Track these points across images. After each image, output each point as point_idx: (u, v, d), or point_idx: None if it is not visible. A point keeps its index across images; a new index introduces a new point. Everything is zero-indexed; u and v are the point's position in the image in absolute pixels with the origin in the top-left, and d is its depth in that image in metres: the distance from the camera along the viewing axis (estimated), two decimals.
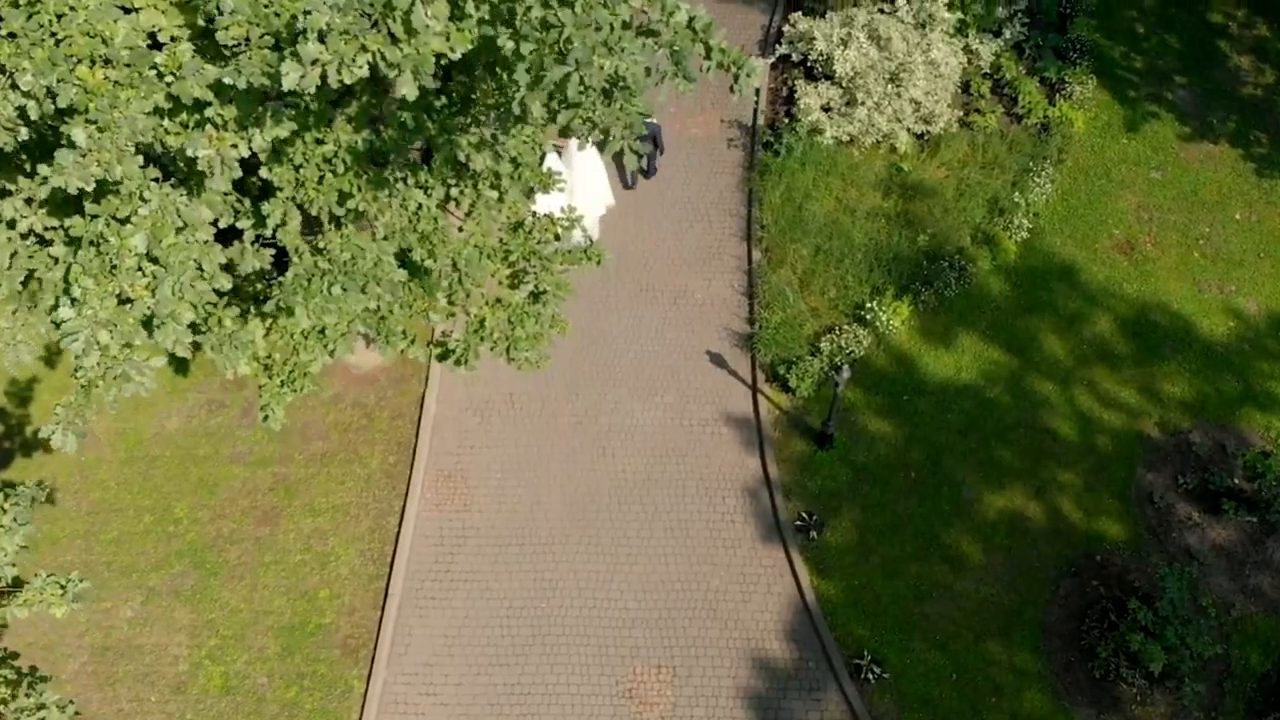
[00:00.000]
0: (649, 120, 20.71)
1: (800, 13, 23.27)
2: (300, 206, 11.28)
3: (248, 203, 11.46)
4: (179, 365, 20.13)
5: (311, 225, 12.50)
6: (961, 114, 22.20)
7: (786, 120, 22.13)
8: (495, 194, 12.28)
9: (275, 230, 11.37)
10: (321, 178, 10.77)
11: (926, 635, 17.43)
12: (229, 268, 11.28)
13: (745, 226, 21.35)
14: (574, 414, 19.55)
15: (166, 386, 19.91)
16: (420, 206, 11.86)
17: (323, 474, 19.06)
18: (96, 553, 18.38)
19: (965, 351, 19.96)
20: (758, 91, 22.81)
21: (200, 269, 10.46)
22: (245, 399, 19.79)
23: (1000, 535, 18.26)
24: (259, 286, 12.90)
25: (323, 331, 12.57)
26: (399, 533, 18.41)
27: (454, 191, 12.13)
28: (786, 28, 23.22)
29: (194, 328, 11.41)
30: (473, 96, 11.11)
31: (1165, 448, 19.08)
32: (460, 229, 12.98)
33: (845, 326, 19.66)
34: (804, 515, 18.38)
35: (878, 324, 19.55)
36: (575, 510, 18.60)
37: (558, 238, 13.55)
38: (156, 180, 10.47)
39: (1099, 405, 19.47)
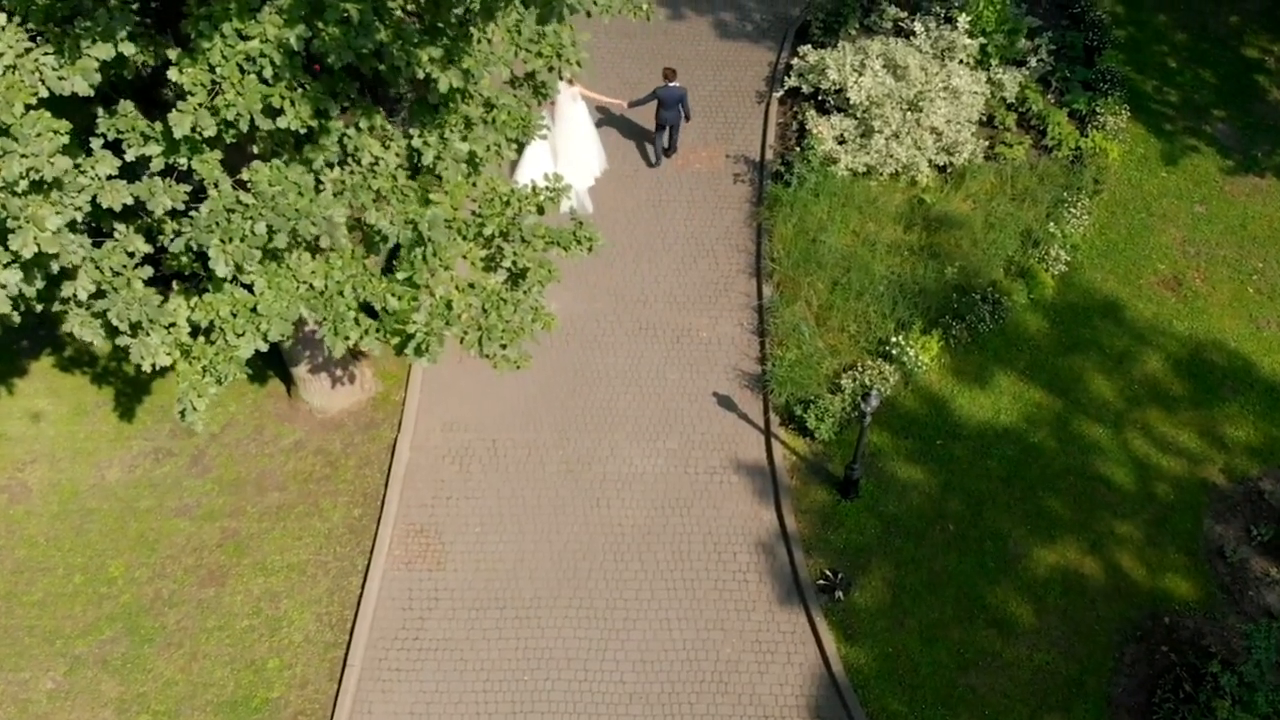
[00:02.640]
0: (674, 85, 19.71)
1: (810, 45, 21.84)
2: (222, 138, 9.24)
3: (158, 126, 9.56)
4: (124, 411, 18.03)
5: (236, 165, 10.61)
6: (987, 144, 20.54)
7: (798, 150, 20.46)
8: (465, 146, 10.39)
9: (189, 157, 9.44)
10: (243, 79, 8.88)
11: (974, 710, 14.92)
12: (137, 213, 9.30)
13: (754, 262, 19.48)
14: (565, 461, 17.35)
15: (110, 434, 17.78)
16: (378, 161, 9.99)
17: (278, 529, 16.77)
18: (18, 616, 15.98)
19: (1003, 392, 17.86)
20: (765, 123, 21.26)
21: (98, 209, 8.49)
22: (196, 447, 17.62)
23: (1054, 595, 15.89)
24: (184, 260, 10.97)
25: (255, 310, 10.57)
26: (361, 594, 16.04)
27: (416, 141, 10.25)
28: (795, 60, 21.77)
29: (98, 296, 9.37)
30: None
31: (1234, 497, 16.83)
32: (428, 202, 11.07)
33: (869, 363, 17.60)
34: (828, 573, 16.05)
35: (905, 359, 17.50)
36: (565, 569, 16.27)
37: (541, 210, 11.64)
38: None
39: (1156, 450, 17.29)
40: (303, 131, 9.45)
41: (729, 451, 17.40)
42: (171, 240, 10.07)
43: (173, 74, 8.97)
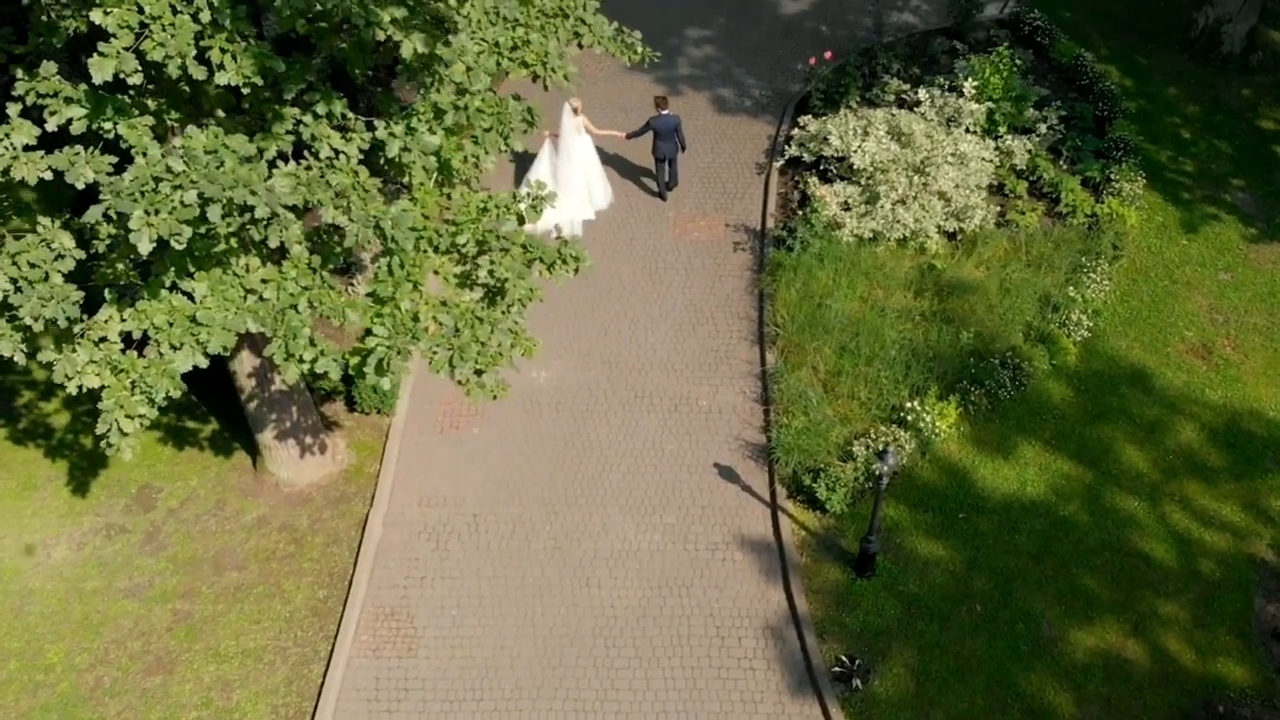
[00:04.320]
0: (666, 113, 19.37)
1: (810, 116, 21.13)
2: (162, 118, 8.16)
3: (83, 88, 8.46)
4: (77, 485, 16.64)
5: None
6: (998, 210, 19.61)
7: (800, 214, 19.52)
8: (435, 139, 9.29)
9: (115, 121, 8.32)
10: (175, 18, 7.79)
11: None
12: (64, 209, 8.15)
13: (756, 329, 18.32)
14: (552, 537, 15.88)
15: (60, 509, 16.35)
16: (338, 155, 8.92)
17: (234, 611, 15.21)
18: None
19: (1029, 463, 16.49)
20: (765, 192, 20.40)
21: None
22: (151, 523, 16.18)
23: (1095, 681, 14.25)
24: (120, 268, 9.79)
25: (194, 319, 9.34)
26: (323, 684, 14.41)
27: (381, 133, 9.16)
28: (796, 130, 21.03)
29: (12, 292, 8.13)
30: None
31: None
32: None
33: (882, 429, 16.28)
34: (843, 660, 14.44)
35: (921, 425, 16.18)
36: (550, 656, 14.66)
37: (522, 220, 10.51)
38: None
39: (1197, 525, 15.84)
40: (244, 88, 8.38)
41: (732, 526, 15.95)
42: (118, 289, 8.81)
43: (96, 15, 7.89)
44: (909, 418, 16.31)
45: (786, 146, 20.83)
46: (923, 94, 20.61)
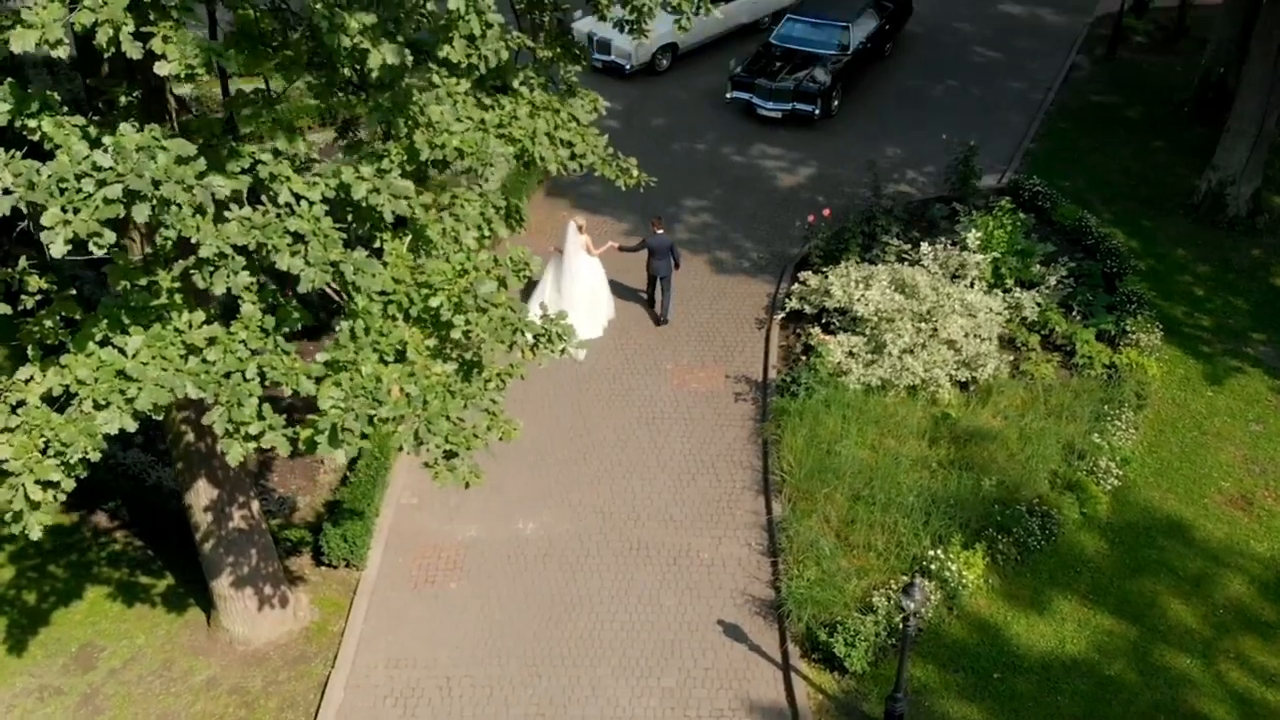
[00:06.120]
0: (661, 233, 19.57)
1: (810, 272, 20.55)
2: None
3: (10, 82, 7.51)
4: (13, 643, 14.98)
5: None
6: (1011, 359, 18.71)
7: (804, 359, 18.59)
8: (407, 184, 8.32)
9: (38, 115, 7.32)
10: None
11: None
12: None
13: (761, 479, 17.05)
14: (535, 702, 14.10)
15: None
16: (299, 200, 8.00)
17: None
18: None
19: (1066, 618, 14.92)
20: (767, 344, 19.55)
21: None
22: (89, 684, 14.44)
23: None
24: (47, 325, 8.71)
25: (123, 374, 8.16)
26: None
27: (347, 175, 8.24)
28: (796, 286, 20.39)
29: None
30: None
31: None
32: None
33: (904, 579, 14.77)
34: None
35: (946, 575, 14.71)
36: None
37: (503, 284, 9.46)
38: None
39: (1259, 683, 14.16)
40: (183, 75, 7.49)
41: (739, 690, 14.20)
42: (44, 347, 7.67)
43: None
44: (932, 567, 14.85)
45: (787, 300, 20.13)
46: (925, 247, 20.09)
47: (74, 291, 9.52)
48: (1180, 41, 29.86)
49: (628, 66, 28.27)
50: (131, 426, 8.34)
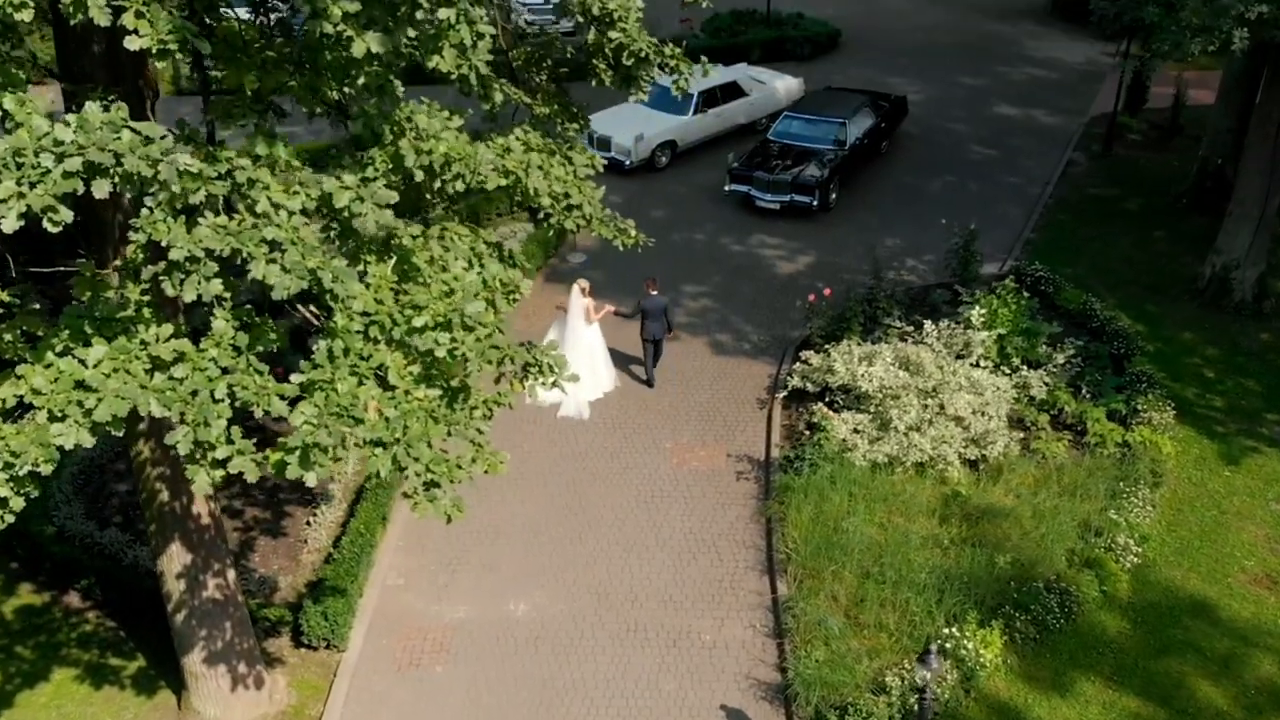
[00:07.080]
0: (655, 294, 19.63)
1: (813, 351, 20.13)
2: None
3: None
4: None
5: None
6: (1021, 437, 18.14)
7: (808, 434, 18.01)
8: (391, 195, 7.90)
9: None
10: None
11: None
12: None
13: (764, 559, 16.31)
14: None
15: None
16: (278, 209, 7.59)
17: None
18: None
19: (1090, 700, 14.04)
20: (769, 423, 19.00)
21: None
22: None
23: None
24: (6, 339, 8.18)
25: (82, 384, 7.60)
26: None
27: (329, 184, 7.80)
28: (798, 365, 19.95)
29: None
30: None
31: None
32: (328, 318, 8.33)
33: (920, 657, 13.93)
34: None
35: (962, 654, 13.88)
36: None
37: (493, 306, 8.92)
38: None
39: None
40: (155, 50, 7.11)
41: None
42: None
43: None
44: (948, 645, 14.04)
45: (789, 378, 19.67)
46: (929, 325, 19.72)
47: (37, 306, 9.08)
48: (1175, 139, 30.06)
49: (627, 162, 28.36)
50: (89, 441, 7.77)
